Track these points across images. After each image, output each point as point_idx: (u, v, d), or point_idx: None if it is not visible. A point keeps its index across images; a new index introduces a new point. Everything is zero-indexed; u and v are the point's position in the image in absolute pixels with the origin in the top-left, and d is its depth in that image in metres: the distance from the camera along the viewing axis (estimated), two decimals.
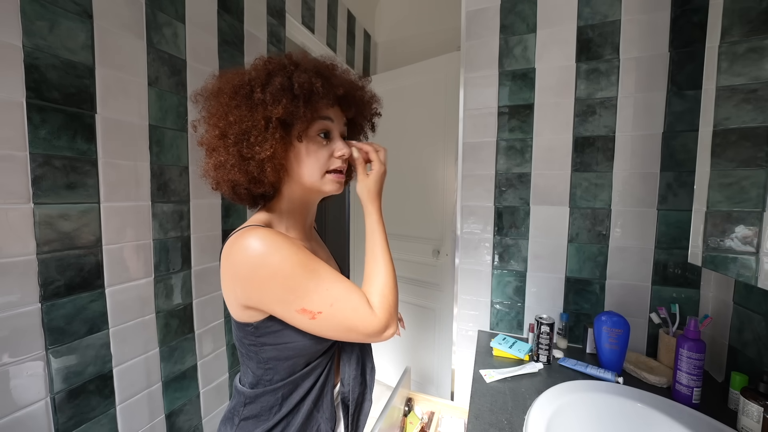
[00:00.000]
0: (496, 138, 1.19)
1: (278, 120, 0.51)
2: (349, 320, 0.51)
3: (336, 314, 0.51)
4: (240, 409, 0.59)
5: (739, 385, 0.76)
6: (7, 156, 0.64)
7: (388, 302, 0.54)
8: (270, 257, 0.49)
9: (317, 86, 0.52)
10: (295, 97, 0.52)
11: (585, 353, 1.06)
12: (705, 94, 0.75)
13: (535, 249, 1.16)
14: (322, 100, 0.54)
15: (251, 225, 0.55)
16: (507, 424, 0.75)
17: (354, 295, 0.52)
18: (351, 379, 0.65)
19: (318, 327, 0.51)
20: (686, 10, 0.96)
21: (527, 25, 1.13)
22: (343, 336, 0.53)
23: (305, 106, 0.52)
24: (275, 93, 0.51)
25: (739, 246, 0.66)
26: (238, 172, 0.52)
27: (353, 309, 0.51)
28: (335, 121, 0.58)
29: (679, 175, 0.99)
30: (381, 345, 2.18)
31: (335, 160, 0.58)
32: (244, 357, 0.59)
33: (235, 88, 0.52)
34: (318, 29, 1.71)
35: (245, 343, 0.57)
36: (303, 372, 0.58)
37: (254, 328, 0.54)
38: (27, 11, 0.66)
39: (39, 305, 0.70)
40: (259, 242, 0.49)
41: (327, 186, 0.58)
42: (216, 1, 1.10)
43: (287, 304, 0.50)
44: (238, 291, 0.52)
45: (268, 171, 0.52)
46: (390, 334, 0.54)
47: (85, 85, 0.76)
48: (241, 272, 0.50)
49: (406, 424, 1.13)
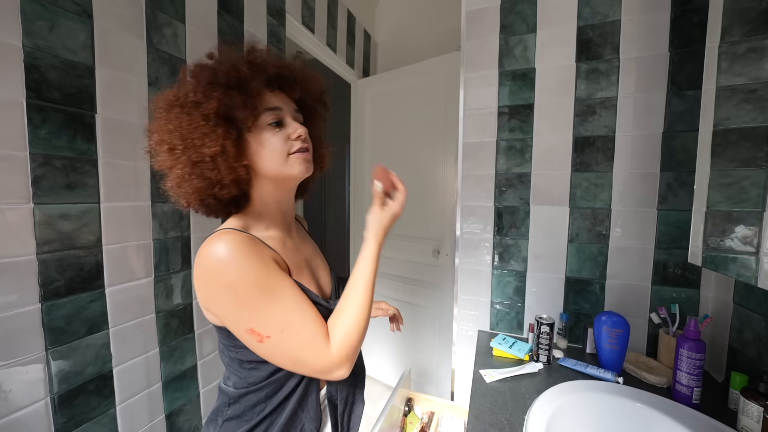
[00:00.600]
0: (496, 138, 1.19)
1: (217, 115, 0.51)
2: (298, 352, 0.49)
3: (284, 342, 0.49)
4: (224, 409, 0.58)
5: (739, 385, 0.76)
6: (7, 156, 0.64)
7: (350, 342, 0.51)
8: (228, 268, 0.47)
9: (243, 70, 0.52)
10: (226, 88, 0.51)
11: (585, 353, 1.06)
12: (705, 94, 0.75)
13: (535, 249, 1.16)
14: (253, 81, 0.53)
15: (225, 228, 0.54)
16: (507, 424, 0.75)
17: (311, 326, 0.50)
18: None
19: (265, 352, 0.50)
20: (686, 10, 0.96)
21: (527, 25, 1.13)
22: (290, 367, 0.51)
23: (240, 94, 0.52)
24: (204, 89, 0.50)
25: (739, 246, 0.66)
26: (196, 178, 0.51)
27: (305, 341, 0.49)
28: (284, 108, 0.57)
29: (679, 175, 0.99)
30: (380, 345, 2.18)
31: (294, 143, 0.56)
32: (226, 358, 0.59)
33: (167, 102, 0.52)
34: (318, 29, 1.71)
35: (226, 345, 0.56)
36: (286, 372, 0.56)
37: (229, 331, 0.53)
38: (27, 11, 0.66)
39: (39, 305, 0.70)
40: (224, 250, 0.48)
41: (294, 169, 0.56)
42: (216, 1, 1.10)
43: (236, 322, 0.49)
44: (199, 294, 0.52)
45: (223, 169, 0.51)
46: (341, 375, 0.51)
47: (85, 85, 0.76)
48: (202, 277, 0.49)
49: (406, 424, 1.13)
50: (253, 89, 0.53)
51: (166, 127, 0.51)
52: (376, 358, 2.23)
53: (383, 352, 2.18)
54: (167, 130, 0.51)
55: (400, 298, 2.05)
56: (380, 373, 2.22)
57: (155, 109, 0.54)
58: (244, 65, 0.53)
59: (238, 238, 0.50)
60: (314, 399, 0.60)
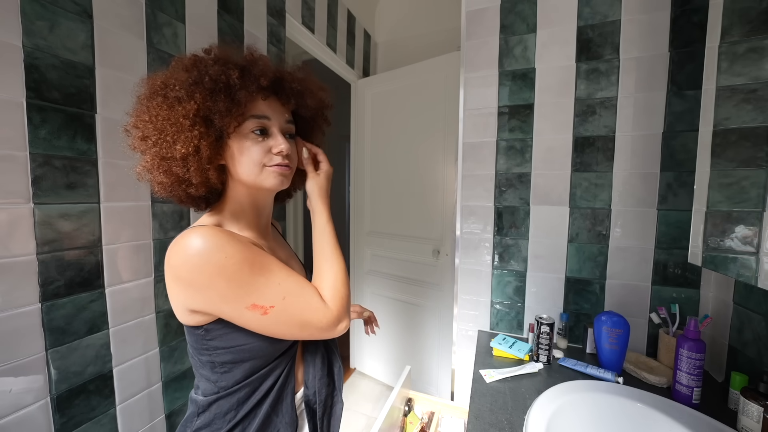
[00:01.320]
0: (496, 138, 1.19)
1: (197, 116, 0.49)
2: (303, 313, 0.50)
3: (289, 308, 0.50)
4: (193, 419, 0.55)
5: (739, 385, 0.76)
6: (7, 156, 0.64)
7: (341, 295, 0.54)
8: (213, 255, 0.47)
9: (234, 77, 0.50)
10: (212, 91, 0.49)
11: (585, 353, 1.06)
12: (705, 94, 0.75)
13: (535, 249, 1.16)
14: (242, 91, 0.50)
15: (196, 225, 0.53)
16: (507, 424, 0.75)
17: (306, 288, 0.52)
18: (316, 380, 0.61)
19: (270, 323, 0.50)
20: (686, 10, 0.96)
21: (527, 25, 1.13)
22: (297, 333, 0.51)
23: (225, 100, 0.50)
24: (188, 88, 0.49)
25: (739, 246, 0.66)
26: (162, 173, 0.50)
27: (306, 302, 0.51)
28: (272, 118, 0.55)
29: (679, 175, 0.99)
30: (380, 345, 2.18)
31: (274, 157, 0.55)
32: (197, 364, 0.56)
33: (152, 89, 0.50)
34: (318, 29, 1.71)
35: (197, 348, 0.54)
36: (260, 374, 0.55)
37: (204, 331, 0.52)
38: (27, 11, 0.66)
39: (39, 305, 0.70)
40: (201, 240, 0.47)
41: (267, 181, 0.55)
42: (216, 1, 1.10)
43: (236, 302, 0.48)
44: (181, 295, 0.49)
45: (192, 169, 0.50)
46: (343, 327, 0.54)
47: (85, 85, 0.76)
48: (181, 274, 0.48)
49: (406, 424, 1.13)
50: (240, 98, 0.51)
51: (143, 114, 0.50)
52: (376, 358, 2.23)
53: (383, 352, 2.18)
54: (143, 119, 0.50)
55: (400, 298, 2.06)
56: (380, 373, 2.22)
57: (140, 91, 0.52)
58: (236, 71, 0.50)
59: (211, 228, 0.50)
60: (289, 403, 0.58)
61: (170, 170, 0.50)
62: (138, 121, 0.50)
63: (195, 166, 0.50)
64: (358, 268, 2.28)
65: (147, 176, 0.52)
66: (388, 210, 2.07)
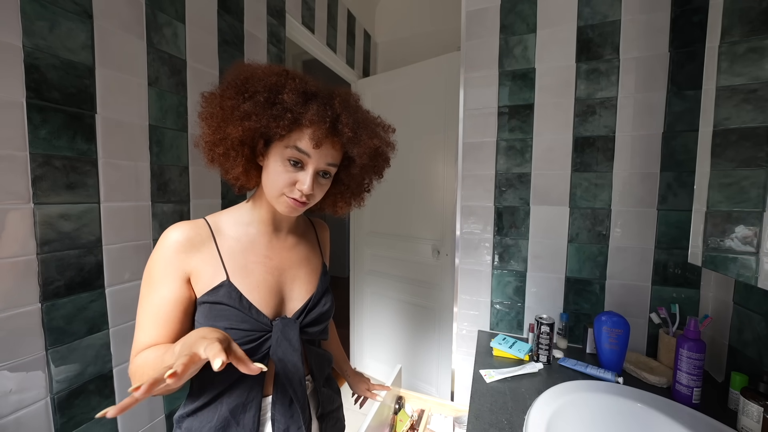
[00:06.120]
0: (496, 138, 1.19)
1: (253, 117, 0.52)
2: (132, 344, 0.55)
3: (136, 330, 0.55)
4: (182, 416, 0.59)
5: (739, 385, 0.76)
6: (7, 156, 0.64)
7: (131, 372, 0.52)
8: (154, 251, 0.55)
9: (302, 120, 0.52)
10: (273, 105, 0.52)
11: (585, 353, 1.06)
12: (705, 94, 0.75)
13: (535, 249, 1.16)
14: (302, 137, 0.53)
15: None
16: (507, 424, 0.75)
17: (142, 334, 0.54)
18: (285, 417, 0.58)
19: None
20: (686, 10, 0.96)
21: (527, 25, 1.13)
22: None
23: (288, 124, 0.52)
24: (257, 116, 0.52)
25: (739, 246, 0.66)
26: (209, 146, 0.56)
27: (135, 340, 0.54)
28: (312, 156, 0.54)
29: (679, 175, 0.99)
30: (380, 345, 2.18)
31: (295, 190, 0.55)
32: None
33: (232, 89, 0.54)
34: (318, 29, 1.71)
35: None
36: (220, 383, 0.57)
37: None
38: (27, 11, 0.66)
39: (39, 305, 0.70)
40: (163, 236, 0.55)
41: (280, 207, 0.58)
42: (216, 1, 1.10)
43: (141, 296, 0.55)
44: None
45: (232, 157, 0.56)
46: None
47: (85, 85, 0.76)
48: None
49: (396, 422, 1.13)
50: (293, 137, 0.54)
51: (212, 106, 0.55)
52: (376, 358, 2.23)
53: (383, 352, 2.18)
54: (210, 112, 0.55)
55: (400, 298, 2.05)
56: (380, 373, 2.22)
57: (224, 80, 0.56)
58: (315, 106, 0.52)
59: (186, 228, 0.56)
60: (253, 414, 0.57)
61: (213, 155, 0.56)
62: (206, 108, 0.56)
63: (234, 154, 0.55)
64: (358, 268, 2.28)
65: (201, 143, 0.58)
66: (388, 210, 2.07)
